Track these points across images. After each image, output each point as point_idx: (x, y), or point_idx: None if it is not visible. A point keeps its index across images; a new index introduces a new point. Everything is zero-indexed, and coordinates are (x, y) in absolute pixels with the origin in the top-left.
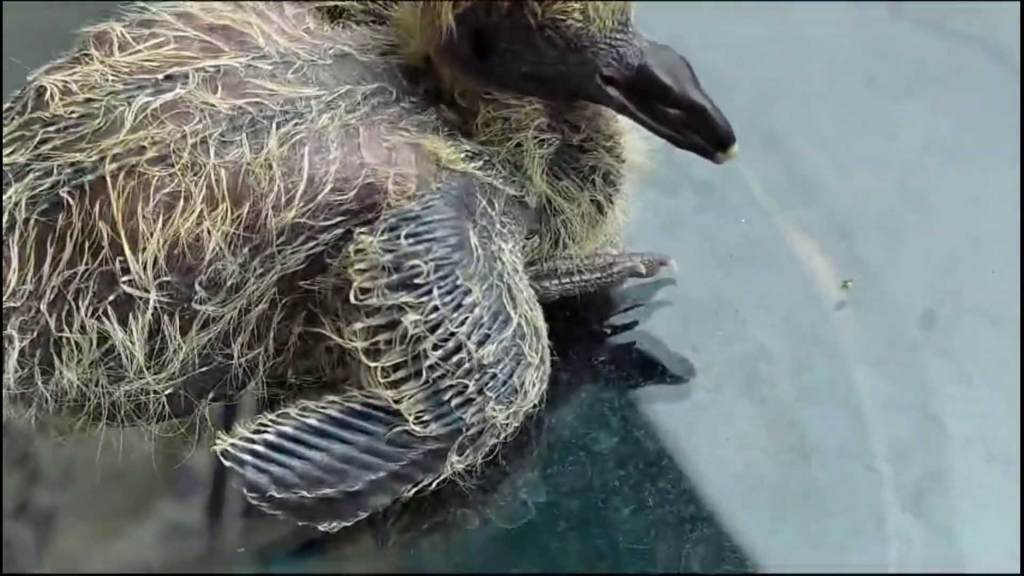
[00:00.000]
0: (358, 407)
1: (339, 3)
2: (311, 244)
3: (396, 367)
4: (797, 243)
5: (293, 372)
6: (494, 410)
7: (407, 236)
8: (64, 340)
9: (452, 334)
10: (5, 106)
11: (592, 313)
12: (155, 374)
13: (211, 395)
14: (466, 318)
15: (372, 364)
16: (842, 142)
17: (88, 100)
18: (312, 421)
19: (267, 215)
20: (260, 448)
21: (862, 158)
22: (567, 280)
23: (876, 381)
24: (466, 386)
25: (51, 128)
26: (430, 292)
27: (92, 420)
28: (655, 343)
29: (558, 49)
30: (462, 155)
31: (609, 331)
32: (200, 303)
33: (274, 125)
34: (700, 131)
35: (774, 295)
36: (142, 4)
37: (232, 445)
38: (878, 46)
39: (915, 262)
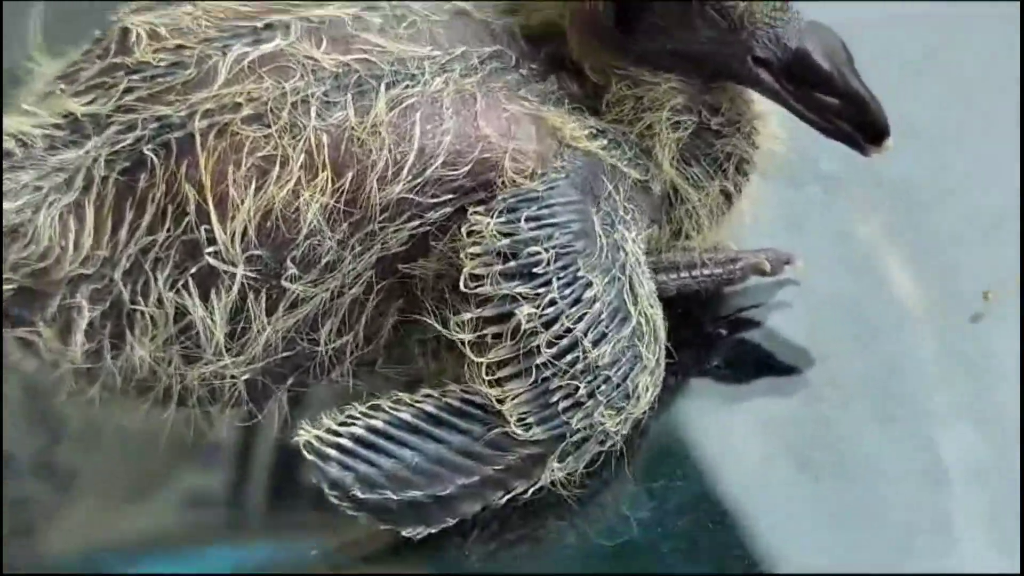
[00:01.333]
0: (456, 403)
1: None
2: (416, 223)
3: (503, 363)
4: (930, 243)
5: (383, 363)
6: (603, 416)
7: (528, 219)
8: (138, 314)
9: (568, 331)
10: (84, 48)
11: (706, 312)
12: (234, 357)
13: (290, 381)
14: (584, 314)
15: (477, 359)
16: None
17: (179, 47)
18: (405, 416)
19: (371, 188)
20: (346, 443)
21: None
22: (686, 274)
23: (1012, 405)
24: (576, 388)
25: (136, 76)
26: (549, 283)
27: (161, 402)
28: (775, 349)
29: (716, 29)
30: (587, 132)
31: (724, 332)
32: (291, 281)
33: (383, 86)
34: (854, 122)
35: (908, 302)
36: None
37: (316, 438)
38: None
39: None
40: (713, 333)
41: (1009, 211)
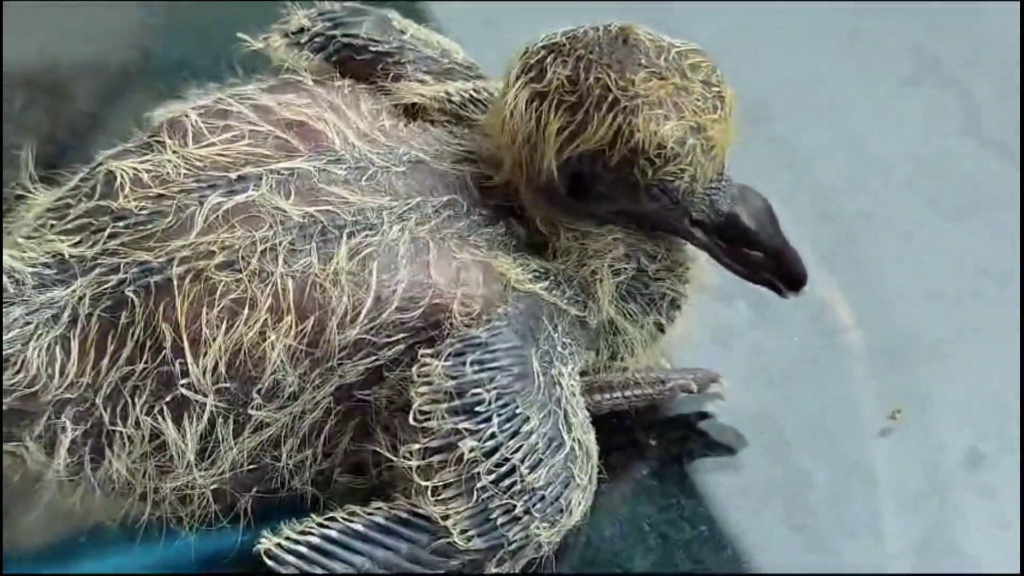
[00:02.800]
0: (403, 515)
1: (416, 100)
2: (371, 359)
3: (447, 486)
4: (845, 363)
5: (340, 473)
6: (538, 528)
7: (472, 363)
8: (117, 433)
9: (507, 460)
10: (72, 183)
11: (637, 423)
12: (203, 471)
13: (255, 490)
14: (522, 445)
15: (424, 483)
16: (900, 262)
17: (160, 196)
18: (357, 526)
19: (331, 331)
20: (303, 550)
21: (918, 280)
22: (619, 394)
23: (913, 518)
24: (514, 506)
25: (120, 223)
26: (489, 420)
27: (137, 504)
28: (698, 459)
29: (659, 203)
30: (530, 276)
31: (653, 443)
32: (256, 409)
33: (344, 236)
34: (776, 273)
35: (821, 417)
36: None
37: (277, 545)
38: (944, 164)
39: (963, 394)
40: (643, 442)
41: (918, 333)
